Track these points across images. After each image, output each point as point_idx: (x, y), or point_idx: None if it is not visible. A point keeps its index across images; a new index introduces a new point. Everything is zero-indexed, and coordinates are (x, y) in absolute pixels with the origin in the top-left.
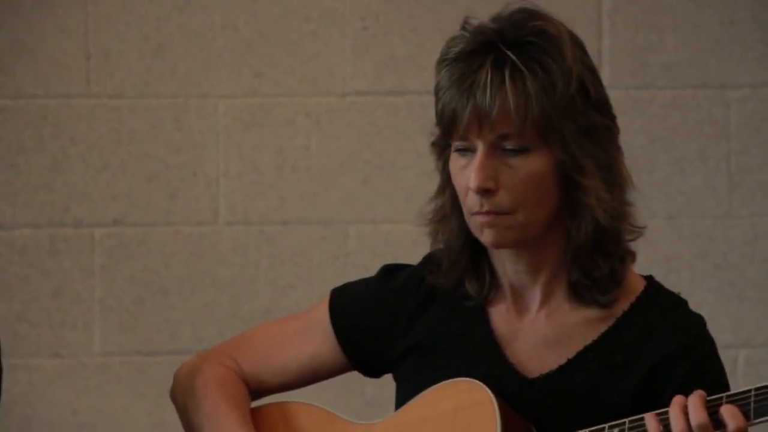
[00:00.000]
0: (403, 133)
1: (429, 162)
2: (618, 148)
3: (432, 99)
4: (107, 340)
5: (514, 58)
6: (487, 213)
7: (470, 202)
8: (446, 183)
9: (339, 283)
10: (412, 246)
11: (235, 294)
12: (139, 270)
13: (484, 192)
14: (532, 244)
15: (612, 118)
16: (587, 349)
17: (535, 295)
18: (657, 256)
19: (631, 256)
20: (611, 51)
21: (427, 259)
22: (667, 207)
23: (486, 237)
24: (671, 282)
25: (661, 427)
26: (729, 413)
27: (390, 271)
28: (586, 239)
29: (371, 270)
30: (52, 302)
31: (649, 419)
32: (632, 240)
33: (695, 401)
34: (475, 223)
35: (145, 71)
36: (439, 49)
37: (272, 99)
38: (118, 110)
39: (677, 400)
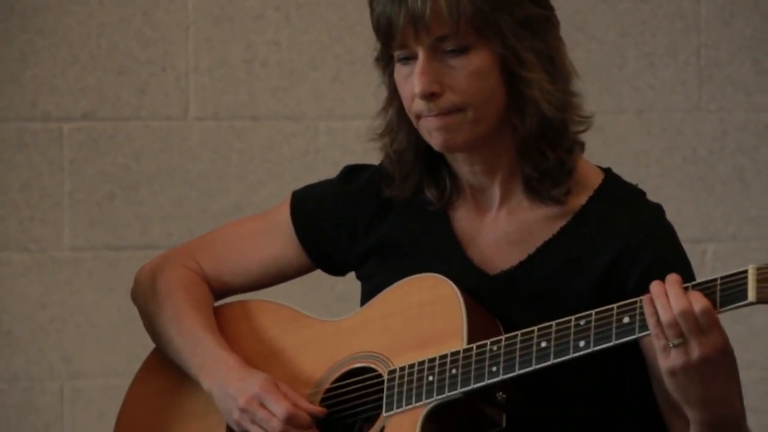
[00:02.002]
0: None
1: None
2: (559, 39)
3: None
4: (77, 234)
5: None
6: (436, 116)
7: (417, 107)
8: (392, 96)
9: (309, 179)
10: None
11: (206, 189)
12: (109, 165)
13: (430, 96)
14: (484, 144)
15: (549, 8)
16: (547, 245)
17: (495, 194)
18: (626, 150)
19: (580, 146)
20: None
21: (383, 169)
22: (636, 101)
23: (436, 140)
24: (640, 176)
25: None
26: (694, 297)
27: (352, 171)
28: (532, 131)
29: (341, 166)
30: (20, 196)
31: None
32: (582, 131)
33: (674, 288)
34: (425, 127)
35: None
36: None
37: None
38: (87, 3)
39: (657, 287)
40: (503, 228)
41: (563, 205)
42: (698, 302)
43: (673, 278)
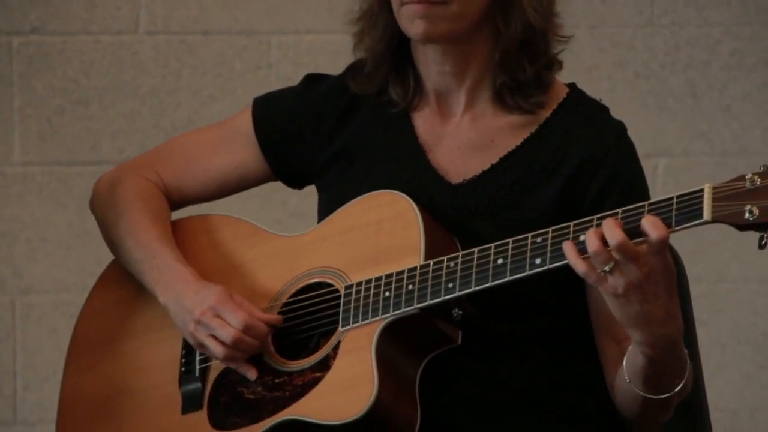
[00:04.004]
0: None
1: None
2: None
3: None
4: (27, 150)
5: None
6: (420, 2)
7: None
8: None
9: (261, 93)
10: (334, 56)
11: (157, 104)
12: (59, 79)
13: None
14: (460, 42)
15: None
16: (510, 155)
17: (460, 100)
18: (579, 65)
19: (558, 64)
20: None
21: (351, 68)
22: (588, 16)
23: (417, 28)
24: (593, 91)
25: (597, 240)
26: (651, 224)
27: (313, 79)
28: (515, 37)
29: (294, 81)
30: None
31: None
32: (559, 52)
33: (609, 222)
34: (407, 13)
35: None
36: None
37: None
38: None
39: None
40: (466, 134)
41: (528, 115)
42: (656, 230)
43: (609, 219)
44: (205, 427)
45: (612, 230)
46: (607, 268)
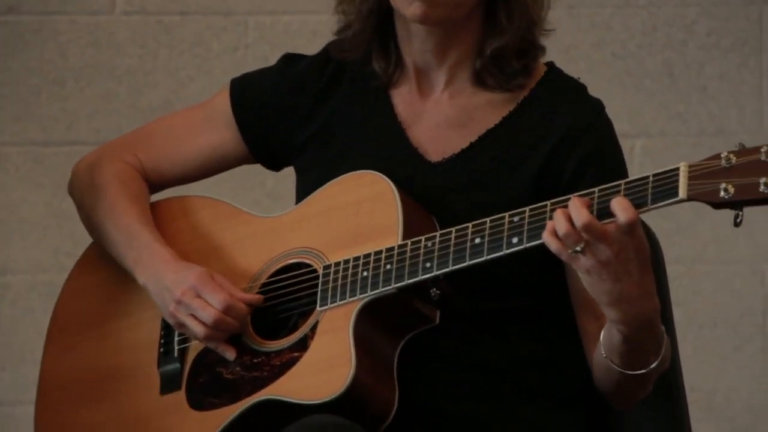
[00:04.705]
0: None
1: None
2: None
3: None
4: (3, 130)
5: None
6: None
7: None
8: None
9: (238, 74)
10: (311, 37)
11: (134, 85)
12: (35, 60)
13: None
14: (453, 28)
15: None
16: (490, 132)
17: (440, 78)
18: (556, 45)
19: (542, 50)
20: None
21: (329, 46)
22: None
23: (415, 10)
24: (570, 71)
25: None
26: (619, 206)
27: (290, 59)
28: (518, 33)
29: (271, 61)
30: None
31: (554, 211)
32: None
33: (575, 202)
34: None
35: None
36: None
37: None
38: None
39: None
40: (445, 112)
41: (507, 93)
42: (624, 212)
43: (575, 198)
44: (183, 408)
45: (578, 210)
46: (578, 248)
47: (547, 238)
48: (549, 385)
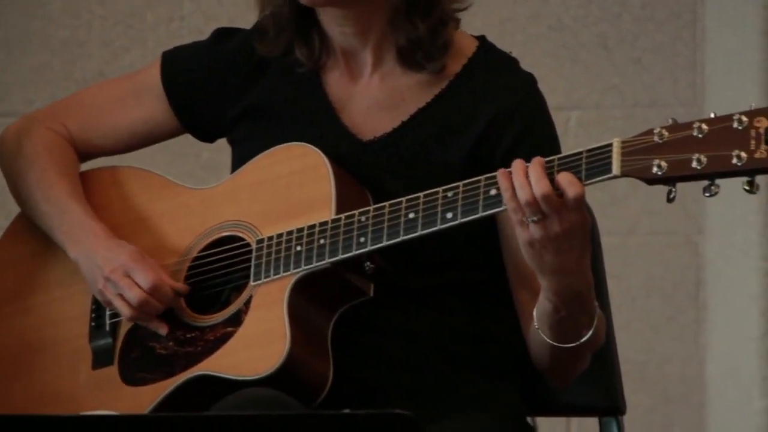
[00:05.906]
0: None
1: None
2: None
3: None
4: None
5: None
6: None
7: None
8: None
9: (173, 45)
10: (246, 9)
11: (67, 55)
12: None
13: None
14: (353, 4)
15: None
16: (420, 111)
17: (367, 59)
18: (491, 18)
19: (455, 21)
20: None
21: (258, 26)
22: None
23: None
24: (505, 44)
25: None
26: (567, 181)
27: (223, 34)
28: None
29: (206, 33)
30: None
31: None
32: (461, 9)
33: (536, 170)
34: None
35: None
36: None
37: None
38: None
39: (518, 165)
40: (376, 93)
41: (437, 72)
42: (572, 186)
43: (537, 160)
44: (116, 383)
45: (539, 180)
46: (535, 218)
47: (506, 193)
48: (484, 357)
